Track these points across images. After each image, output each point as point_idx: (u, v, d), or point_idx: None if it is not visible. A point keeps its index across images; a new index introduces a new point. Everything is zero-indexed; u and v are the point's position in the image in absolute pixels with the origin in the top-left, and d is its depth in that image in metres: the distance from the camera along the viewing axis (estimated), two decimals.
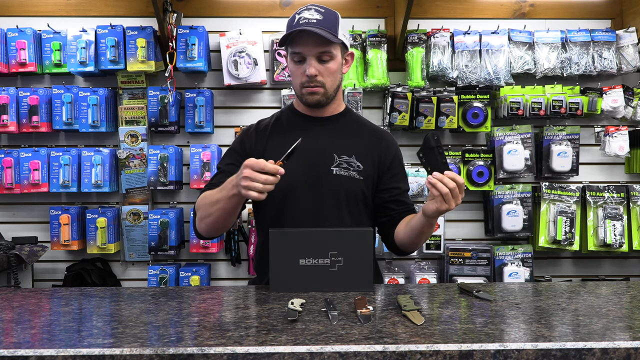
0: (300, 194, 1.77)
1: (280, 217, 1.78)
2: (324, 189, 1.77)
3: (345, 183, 1.78)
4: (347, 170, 1.79)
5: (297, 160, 1.77)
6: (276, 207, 1.79)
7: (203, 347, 1.05)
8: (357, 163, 1.80)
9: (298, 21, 1.72)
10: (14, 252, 2.78)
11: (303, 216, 1.75)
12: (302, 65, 1.74)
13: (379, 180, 1.84)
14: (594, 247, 3.14)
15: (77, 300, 1.51)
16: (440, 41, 3.10)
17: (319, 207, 1.77)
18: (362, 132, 1.87)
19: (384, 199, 1.84)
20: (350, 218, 1.79)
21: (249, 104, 3.21)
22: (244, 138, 1.87)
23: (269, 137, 1.84)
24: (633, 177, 3.31)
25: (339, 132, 1.84)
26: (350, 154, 1.81)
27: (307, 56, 1.72)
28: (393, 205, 1.84)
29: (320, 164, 1.79)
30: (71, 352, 1.03)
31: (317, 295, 1.46)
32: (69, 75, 3.12)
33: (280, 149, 1.79)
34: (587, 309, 1.36)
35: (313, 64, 1.72)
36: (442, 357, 1.05)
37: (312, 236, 1.55)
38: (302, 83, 1.75)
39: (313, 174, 1.78)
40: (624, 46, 3.15)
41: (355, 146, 1.83)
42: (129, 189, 3.11)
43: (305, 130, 1.82)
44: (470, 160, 3.14)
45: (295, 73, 1.77)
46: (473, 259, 3.11)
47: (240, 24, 3.16)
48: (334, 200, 1.78)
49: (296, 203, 1.77)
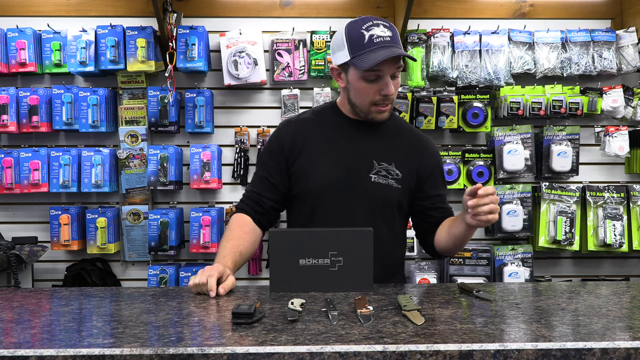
0: (335, 198, 1.76)
1: (312, 219, 1.78)
2: (360, 196, 1.76)
3: (382, 191, 1.76)
4: (386, 178, 1.77)
5: (336, 164, 1.77)
6: (309, 209, 1.79)
7: (203, 347, 1.05)
8: (397, 171, 1.78)
9: (371, 39, 1.65)
10: (14, 252, 2.78)
11: (335, 220, 1.73)
12: (376, 83, 1.68)
13: (418, 187, 1.82)
14: (594, 247, 3.14)
15: (77, 300, 1.51)
16: (440, 41, 3.10)
17: (352, 213, 1.75)
18: (403, 138, 1.84)
19: (424, 206, 1.84)
20: (384, 225, 1.78)
21: (249, 104, 3.21)
22: (281, 134, 1.84)
23: (310, 133, 1.82)
24: (633, 177, 3.31)
25: (380, 138, 1.81)
26: (390, 162, 1.78)
27: (385, 75, 1.67)
28: (434, 213, 1.84)
29: (359, 170, 1.77)
30: (71, 352, 1.03)
31: (317, 295, 1.46)
32: (69, 75, 3.12)
33: (319, 149, 1.79)
34: (587, 309, 1.36)
35: (390, 82, 1.68)
36: (442, 357, 1.05)
37: (312, 236, 1.55)
38: (375, 101, 1.71)
39: (350, 179, 1.76)
40: (624, 46, 3.15)
41: (396, 153, 1.80)
42: (129, 189, 3.11)
43: (346, 133, 1.81)
44: (470, 160, 3.14)
45: (367, 91, 1.70)
46: (473, 259, 3.11)
47: (240, 24, 3.16)
48: (369, 208, 1.76)
49: (329, 207, 1.76)
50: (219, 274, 1.50)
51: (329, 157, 1.78)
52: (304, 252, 1.51)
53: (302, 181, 1.79)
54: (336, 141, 1.80)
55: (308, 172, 1.78)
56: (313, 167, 1.78)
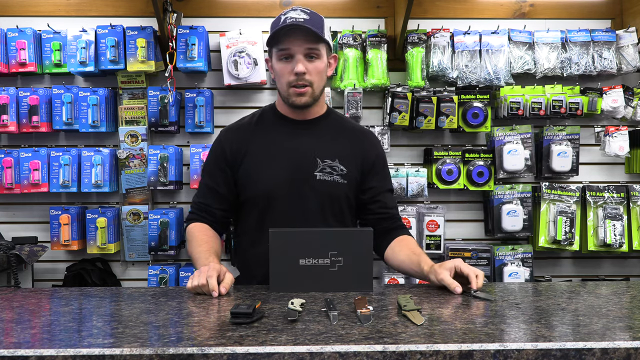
0: (284, 199, 1.77)
1: (262, 223, 1.78)
2: (308, 195, 1.77)
3: (329, 188, 1.78)
4: (331, 175, 1.79)
5: (281, 166, 1.77)
6: (259, 213, 1.80)
7: (203, 347, 1.05)
8: (341, 167, 1.79)
9: (285, 20, 1.71)
10: (14, 252, 2.78)
11: (287, 222, 1.74)
12: (289, 63, 1.72)
13: (361, 181, 1.84)
14: (594, 247, 3.14)
15: (77, 300, 1.51)
16: (440, 41, 3.10)
17: (303, 213, 1.76)
18: (344, 133, 1.86)
19: (364, 200, 1.84)
20: (335, 222, 1.80)
21: (248, 104, 3.21)
22: (221, 143, 1.85)
23: (251, 138, 1.83)
24: (633, 177, 3.31)
25: (321, 136, 1.83)
26: (334, 158, 1.80)
27: (296, 53, 1.70)
28: (372, 207, 1.84)
29: (304, 169, 1.78)
30: (71, 352, 1.03)
31: (317, 295, 1.46)
32: (69, 75, 3.12)
33: (262, 152, 1.80)
34: (587, 309, 1.36)
35: (301, 60, 1.70)
36: (442, 357, 1.05)
37: (312, 236, 1.55)
38: (290, 82, 1.73)
39: (296, 179, 1.77)
40: (624, 46, 3.15)
41: (338, 149, 1.82)
42: (129, 189, 3.11)
43: (288, 133, 1.82)
44: (470, 160, 3.14)
45: (282, 72, 1.74)
46: (473, 259, 3.10)
47: (240, 24, 3.16)
48: (318, 206, 1.78)
49: (280, 209, 1.77)
50: (217, 273, 1.50)
51: (273, 159, 1.79)
52: (304, 252, 1.51)
53: (249, 186, 1.80)
54: (278, 142, 1.81)
55: (253, 177, 1.79)
56: (258, 171, 1.79)
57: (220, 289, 1.47)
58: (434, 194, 3.21)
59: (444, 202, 3.23)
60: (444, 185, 3.12)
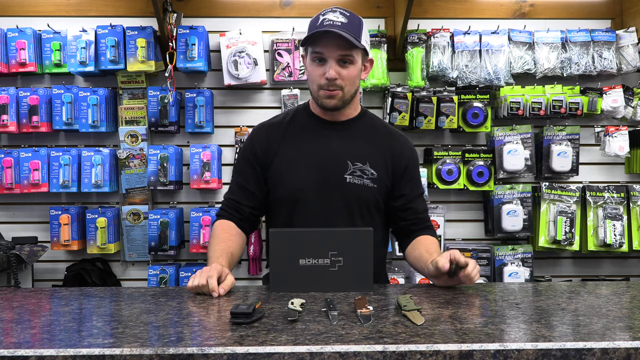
0: (313, 201, 1.76)
1: (290, 223, 1.78)
2: (337, 197, 1.76)
3: (358, 192, 1.76)
4: (361, 178, 1.77)
5: (311, 167, 1.76)
6: (287, 213, 1.79)
7: (203, 347, 1.05)
8: (371, 170, 1.78)
9: (322, 22, 1.68)
10: (14, 252, 2.78)
11: (314, 223, 1.74)
12: (322, 66, 1.70)
13: (393, 186, 1.82)
14: (594, 247, 3.14)
15: (77, 300, 1.51)
16: (440, 41, 3.10)
17: (331, 215, 1.75)
18: (376, 136, 1.84)
19: (395, 207, 1.83)
20: (363, 225, 1.78)
21: (249, 104, 3.21)
22: (253, 140, 1.85)
23: (283, 137, 1.82)
24: (633, 177, 3.31)
25: (353, 138, 1.81)
26: (365, 161, 1.78)
27: (328, 58, 1.68)
28: (404, 215, 1.83)
29: (334, 171, 1.76)
30: (71, 352, 1.03)
31: (317, 295, 1.46)
32: (69, 75, 3.12)
33: (293, 152, 1.79)
34: (587, 309, 1.36)
35: (333, 66, 1.68)
36: (442, 357, 1.05)
37: (312, 236, 1.55)
38: (321, 85, 1.71)
39: (326, 182, 1.76)
40: (624, 46, 3.15)
41: (370, 152, 1.80)
42: (129, 189, 3.11)
43: (319, 134, 1.80)
44: (470, 160, 3.14)
45: (314, 74, 1.72)
46: (473, 259, 3.08)
47: (240, 24, 3.16)
48: (346, 209, 1.76)
49: (308, 210, 1.76)
50: (218, 273, 1.50)
51: (303, 160, 1.78)
52: (304, 252, 1.51)
53: (278, 186, 1.80)
54: (309, 143, 1.80)
55: (283, 177, 1.79)
56: (288, 172, 1.78)
57: (219, 289, 1.47)
58: (434, 194, 3.21)
59: (444, 202, 3.24)
60: (444, 185, 3.12)
